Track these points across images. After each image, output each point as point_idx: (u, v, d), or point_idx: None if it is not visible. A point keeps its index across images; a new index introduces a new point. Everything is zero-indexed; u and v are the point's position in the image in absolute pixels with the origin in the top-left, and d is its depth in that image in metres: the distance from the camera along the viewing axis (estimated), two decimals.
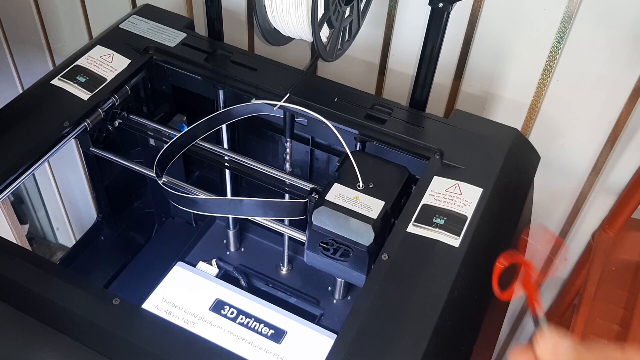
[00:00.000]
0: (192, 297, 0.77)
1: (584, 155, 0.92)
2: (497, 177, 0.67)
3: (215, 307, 0.76)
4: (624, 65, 0.80)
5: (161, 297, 0.77)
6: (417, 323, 0.54)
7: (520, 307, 1.22)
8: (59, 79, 0.73)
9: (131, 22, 0.83)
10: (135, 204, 0.97)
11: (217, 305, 0.76)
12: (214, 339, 0.41)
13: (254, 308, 0.76)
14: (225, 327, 0.74)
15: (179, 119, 0.89)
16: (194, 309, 0.76)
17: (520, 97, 0.90)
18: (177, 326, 0.56)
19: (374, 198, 0.65)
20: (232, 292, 0.78)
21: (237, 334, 0.73)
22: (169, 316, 0.75)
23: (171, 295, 0.77)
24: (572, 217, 1.02)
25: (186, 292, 0.78)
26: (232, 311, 0.76)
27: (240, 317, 0.75)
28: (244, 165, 0.76)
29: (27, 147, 0.66)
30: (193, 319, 0.75)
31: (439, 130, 0.72)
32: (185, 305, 0.76)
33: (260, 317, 0.75)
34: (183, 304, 0.76)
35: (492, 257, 0.62)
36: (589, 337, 0.88)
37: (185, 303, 0.76)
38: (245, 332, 0.74)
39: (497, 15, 0.83)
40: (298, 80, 0.75)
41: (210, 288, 0.79)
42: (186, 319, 0.75)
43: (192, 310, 0.76)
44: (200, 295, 0.77)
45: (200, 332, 0.70)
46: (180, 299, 0.77)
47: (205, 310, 0.76)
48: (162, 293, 0.77)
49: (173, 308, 0.76)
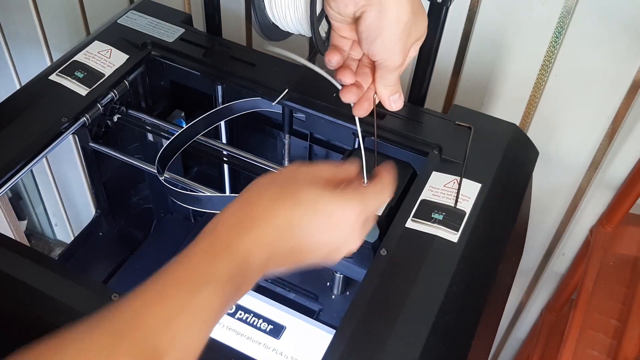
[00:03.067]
0: None
1: (582, 151, 0.92)
2: (495, 172, 0.67)
3: None
4: (623, 59, 0.80)
5: None
6: (416, 318, 0.54)
7: (518, 302, 1.22)
8: (57, 75, 0.73)
9: (129, 17, 0.82)
10: (133, 199, 0.97)
11: None
12: (213, 334, 0.41)
13: (252, 303, 0.76)
14: (223, 322, 0.74)
15: (177, 115, 0.89)
16: None
17: (518, 93, 0.90)
18: None
19: None
20: None
21: (235, 329, 0.74)
22: None
23: None
24: (570, 212, 1.02)
25: None
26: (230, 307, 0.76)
27: (239, 313, 0.75)
28: (242, 160, 0.76)
29: (25, 143, 0.66)
30: None
31: (437, 125, 0.72)
32: None
33: (258, 312, 0.75)
34: None
35: (490, 252, 0.63)
36: (587, 332, 0.88)
37: None
38: (244, 327, 0.74)
39: (496, 10, 0.83)
40: (297, 75, 0.75)
41: None
42: None
43: None
44: None
45: None
46: None
47: None
48: None
49: None
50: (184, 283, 0.39)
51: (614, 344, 0.86)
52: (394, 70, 0.55)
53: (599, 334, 0.88)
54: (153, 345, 0.36)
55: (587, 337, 0.87)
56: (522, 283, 1.17)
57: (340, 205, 0.46)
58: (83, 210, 1.64)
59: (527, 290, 1.19)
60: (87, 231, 0.92)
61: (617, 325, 0.87)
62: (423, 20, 0.54)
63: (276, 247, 0.44)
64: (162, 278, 0.40)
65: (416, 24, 0.53)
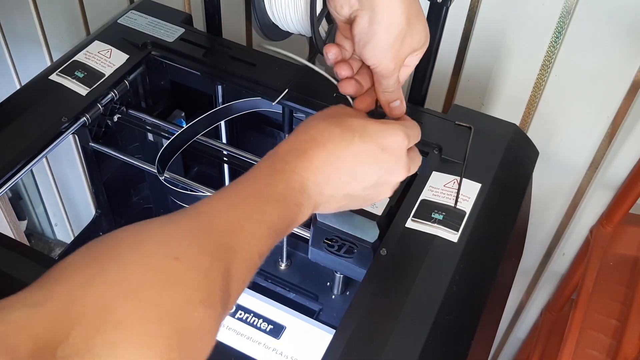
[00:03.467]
0: None
1: (582, 151, 0.92)
2: (495, 172, 0.67)
3: None
4: (623, 60, 0.80)
5: None
6: (416, 318, 0.54)
7: (518, 302, 1.22)
8: (57, 75, 0.73)
9: (129, 17, 0.82)
10: (133, 199, 0.97)
11: None
12: None
13: (252, 303, 0.76)
14: (223, 322, 0.74)
15: (177, 115, 0.89)
16: None
17: (518, 93, 0.90)
18: None
19: None
20: None
21: (235, 329, 0.73)
22: None
23: None
24: (570, 212, 1.02)
25: None
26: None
27: (239, 313, 0.75)
28: (242, 160, 0.76)
29: (25, 143, 0.66)
30: None
31: (437, 125, 0.72)
32: None
33: (258, 312, 0.75)
34: None
35: (491, 252, 0.63)
36: (586, 332, 0.88)
37: None
38: (244, 327, 0.74)
39: (496, 11, 0.83)
40: (297, 75, 0.75)
41: None
42: None
43: None
44: None
45: None
46: None
47: None
48: None
49: None
50: (249, 197, 0.44)
51: (614, 344, 0.86)
52: (387, 77, 0.55)
53: (598, 334, 0.88)
54: (225, 243, 0.40)
55: (587, 337, 0.87)
56: (522, 283, 1.17)
57: (386, 130, 0.50)
58: (83, 210, 1.64)
59: (527, 290, 1.19)
60: (87, 231, 0.92)
61: (617, 325, 0.87)
62: (420, 30, 0.54)
63: (328, 171, 0.48)
64: (230, 191, 0.45)
65: (412, 34, 0.53)
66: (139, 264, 0.36)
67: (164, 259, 0.37)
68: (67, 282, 0.34)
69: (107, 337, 0.32)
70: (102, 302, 0.33)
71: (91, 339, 0.31)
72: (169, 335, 0.34)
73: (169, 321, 0.34)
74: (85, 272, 0.35)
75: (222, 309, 0.39)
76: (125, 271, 0.35)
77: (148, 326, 0.33)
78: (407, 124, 0.54)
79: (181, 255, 0.37)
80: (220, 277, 0.39)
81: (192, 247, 0.38)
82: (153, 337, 0.33)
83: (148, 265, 0.36)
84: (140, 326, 0.33)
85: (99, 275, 0.34)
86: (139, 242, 0.37)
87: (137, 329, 0.33)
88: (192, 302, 0.36)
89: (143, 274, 0.35)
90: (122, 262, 0.36)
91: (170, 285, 0.36)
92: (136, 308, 0.34)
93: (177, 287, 0.36)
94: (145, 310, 0.34)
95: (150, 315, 0.34)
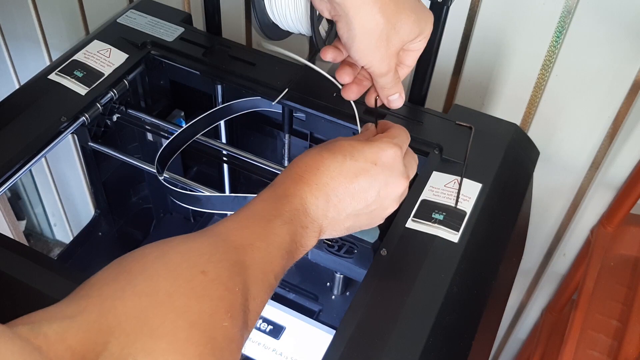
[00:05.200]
0: None
1: (583, 150, 0.92)
2: (496, 172, 0.67)
3: None
4: (624, 59, 0.80)
5: None
6: (416, 318, 0.54)
7: (519, 302, 1.22)
8: (56, 74, 0.73)
9: (129, 16, 0.82)
10: (133, 199, 0.97)
11: None
12: None
13: None
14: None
15: (177, 114, 0.88)
16: None
17: (519, 92, 0.90)
18: None
19: None
20: None
21: None
22: None
23: None
24: (571, 212, 1.02)
25: None
26: None
27: None
28: (242, 160, 0.75)
29: (24, 142, 0.66)
30: None
31: (438, 125, 0.71)
32: None
33: None
34: None
35: (491, 252, 0.62)
36: (587, 333, 0.88)
37: None
38: None
39: (496, 10, 0.83)
40: (297, 75, 0.75)
41: None
42: None
43: None
44: None
45: None
46: None
47: None
48: None
49: None
50: (257, 218, 0.47)
51: (615, 345, 0.86)
52: (381, 76, 0.56)
53: (599, 334, 0.87)
54: (239, 260, 0.42)
55: (588, 338, 0.87)
56: (523, 283, 1.17)
57: (376, 146, 0.52)
58: (82, 210, 1.64)
59: (528, 290, 1.19)
60: (87, 231, 0.91)
61: (618, 325, 0.87)
62: (409, 23, 0.53)
63: (326, 192, 0.50)
64: (241, 213, 0.47)
65: (397, 29, 0.53)
66: (166, 275, 0.37)
67: (190, 271, 0.38)
68: (98, 296, 0.35)
69: (144, 346, 0.33)
70: (134, 312, 0.34)
71: (129, 348, 0.32)
72: (202, 343, 0.35)
73: (200, 330, 0.35)
74: (114, 285, 0.36)
75: (243, 324, 0.40)
76: (154, 282, 0.37)
77: (181, 334, 0.35)
78: (393, 132, 0.55)
79: (205, 268, 0.39)
80: (240, 292, 0.40)
81: (212, 261, 0.40)
82: (187, 344, 0.34)
83: (175, 277, 0.37)
84: (173, 334, 0.34)
85: (129, 288, 0.36)
86: (164, 253, 0.39)
87: (171, 337, 0.34)
88: (219, 313, 0.37)
89: (171, 285, 0.37)
90: (150, 274, 0.37)
91: (198, 296, 0.37)
92: (168, 317, 0.35)
93: (204, 298, 0.37)
94: (177, 319, 0.35)
95: (182, 324, 0.35)
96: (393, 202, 0.54)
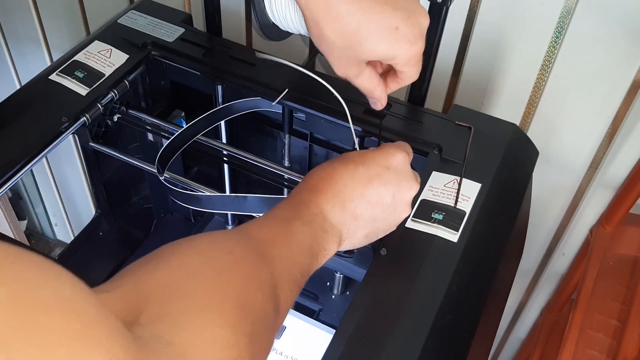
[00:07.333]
0: None
1: (582, 150, 0.92)
2: (495, 172, 0.67)
3: None
4: (623, 59, 0.80)
5: None
6: (416, 318, 0.54)
7: (518, 302, 1.22)
8: (57, 75, 0.73)
9: (129, 17, 0.82)
10: (133, 199, 0.97)
11: None
12: None
13: None
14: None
15: (177, 114, 0.89)
16: None
17: (518, 92, 0.90)
18: None
19: None
20: None
21: None
22: None
23: None
24: (570, 212, 1.02)
25: None
26: None
27: None
28: (242, 160, 0.76)
29: (25, 142, 0.66)
30: None
31: (437, 125, 0.72)
32: None
33: None
34: None
35: (490, 252, 0.63)
36: (586, 332, 0.88)
37: None
38: None
39: (496, 11, 0.83)
40: (297, 75, 0.75)
41: None
42: None
43: None
44: None
45: None
46: None
47: None
48: None
49: None
50: (276, 219, 0.49)
51: (614, 344, 0.86)
52: (352, 80, 0.60)
53: (598, 334, 0.88)
54: (264, 252, 0.44)
55: (587, 337, 0.87)
56: (522, 283, 1.17)
57: (386, 152, 0.54)
58: (83, 210, 1.64)
59: (527, 290, 1.19)
60: (87, 231, 0.92)
61: (617, 325, 0.87)
62: (375, 43, 0.55)
63: (342, 199, 0.51)
64: (262, 218, 0.49)
65: (358, 50, 0.56)
66: (197, 255, 0.40)
67: (219, 252, 0.41)
68: (133, 274, 0.38)
69: (180, 306, 0.35)
70: (168, 281, 0.37)
71: (166, 308, 0.34)
72: (237, 305, 0.37)
73: (232, 296, 0.38)
74: (147, 266, 0.39)
75: (275, 306, 0.41)
76: (185, 259, 0.39)
77: (216, 296, 0.37)
78: (397, 142, 0.59)
79: (232, 250, 0.41)
80: (269, 275, 0.42)
81: (239, 246, 0.43)
82: (222, 305, 0.36)
83: (205, 256, 0.40)
84: (208, 297, 0.36)
85: (161, 264, 0.38)
86: (193, 240, 0.42)
87: (206, 300, 0.36)
88: (250, 287, 0.40)
89: (202, 260, 0.39)
90: (181, 254, 0.40)
91: (228, 271, 0.39)
92: (201, 285, 0.37)
93: (234, 274, 0.40)
94: (209, 287, 0.37)
95: (216, 290, 0.37)
96: (407, 207, 0.56)
